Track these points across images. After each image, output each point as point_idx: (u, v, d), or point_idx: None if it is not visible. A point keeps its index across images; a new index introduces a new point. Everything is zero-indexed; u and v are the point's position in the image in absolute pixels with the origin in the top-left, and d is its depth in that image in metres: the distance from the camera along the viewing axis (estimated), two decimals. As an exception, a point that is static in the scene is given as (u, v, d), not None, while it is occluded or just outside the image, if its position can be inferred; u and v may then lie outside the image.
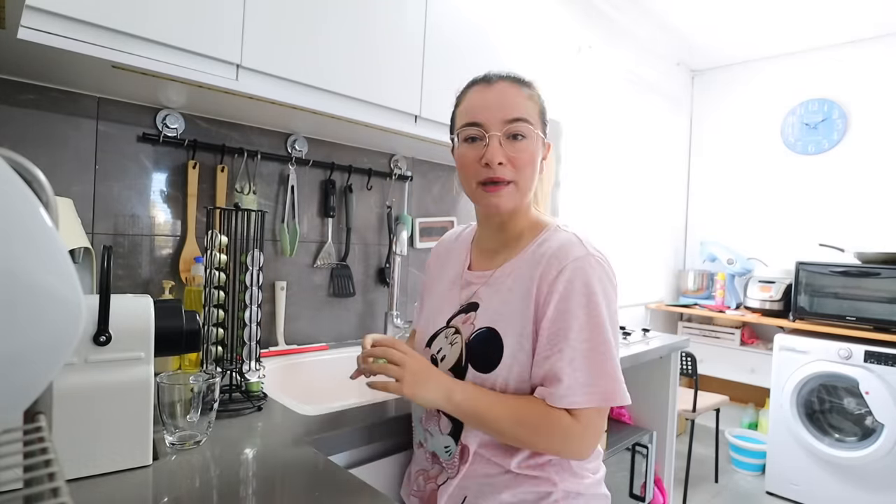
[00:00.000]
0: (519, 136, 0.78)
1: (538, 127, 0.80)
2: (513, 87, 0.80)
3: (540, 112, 0.82)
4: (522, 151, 0.78)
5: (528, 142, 0.78)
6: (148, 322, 0.70)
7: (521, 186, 0.80)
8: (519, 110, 0.78)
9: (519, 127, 0.78)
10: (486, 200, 0.80)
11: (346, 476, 0.74)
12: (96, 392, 0.66)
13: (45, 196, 0.40)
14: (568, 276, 0.74)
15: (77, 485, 0.64)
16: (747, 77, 3.35)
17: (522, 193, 0.80)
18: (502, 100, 0.79)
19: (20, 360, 0.32)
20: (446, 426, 0.85)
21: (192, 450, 0.77)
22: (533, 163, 0.79)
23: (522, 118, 0.78)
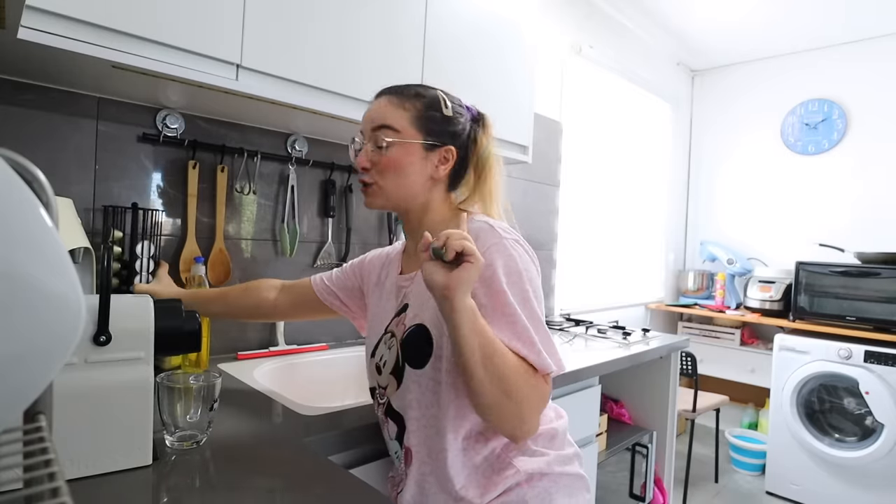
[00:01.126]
0: (381, 143, 0.83)
1: (411, 134, 0.84)
2: (388, 99, 0.86)
3: (417, 120, 0.85)
4: (382, 156, 0.84)
5: (392, 148, 0.83)
6: (148, 322, 0.70)
7: (386, 187, 0.85)
8: (383, 119, 0.84)
9: (379, 134, 0.84)
10: (364, 200, 0.89)
11: (345, 476, 0.74)
12: (96, 392, 0.66)
13: (45, 196, 0.40)
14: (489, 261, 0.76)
15: (77, 485, 0.64)
16: (747, 77, 3.35)
17: (388, 194, 0.86)
18: (374, 111, 0.86)
19: (20, 361, 0.32)
20: (392, 430, 0.86)
21: (192, 450, 0.77)
22: (396, 167, 0.84)
23: (385, 125, 0.84)
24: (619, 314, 2.75)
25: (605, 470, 1.71)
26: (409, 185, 0.86)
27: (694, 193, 3.58)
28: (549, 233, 2.44)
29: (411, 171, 0.85)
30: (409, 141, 0.84)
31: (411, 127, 0.84)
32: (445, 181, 0.90)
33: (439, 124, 0.86)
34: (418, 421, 0.81)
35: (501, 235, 0.80)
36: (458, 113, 0.89)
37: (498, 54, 1.63)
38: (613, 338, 1.85)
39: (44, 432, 0.39)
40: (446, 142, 0.87)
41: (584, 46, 2.53)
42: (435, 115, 0.86)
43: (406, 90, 0.87)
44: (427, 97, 0.87)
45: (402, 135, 0.84)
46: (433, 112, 0.86)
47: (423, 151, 0.85)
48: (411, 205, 0.88)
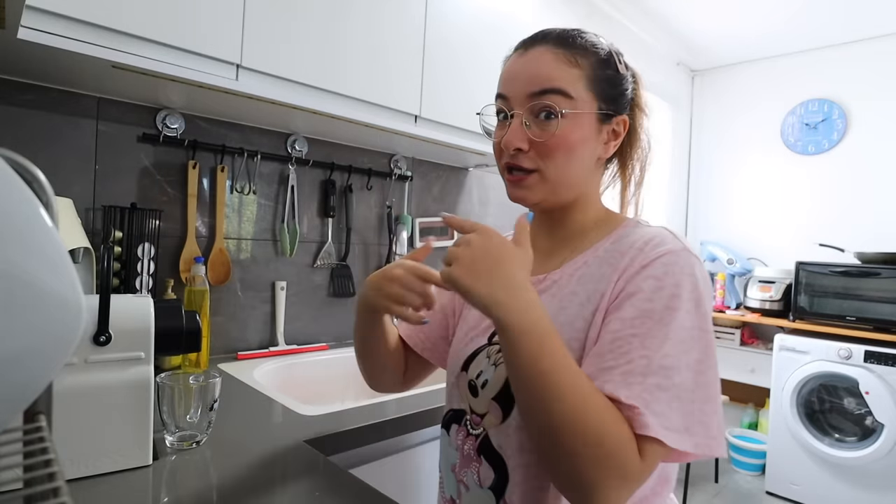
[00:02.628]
0: (549, 114, 0.62)
1: (584, 102, 0.63)
2: (551, 50, 0.63)
3: (591, 82, 0.63)
4: (549, 134, 0.62)
5: (562, 121, 0.62)
6: (148, 322, 0.70)
7: (551, 177, 0.64)
8: (549, 80, 0.62)
9: (547, 101, 0.62)
10: (510, 191, 0.67)
11: (345, 476, 0.74)
12: (96, 392, 0.66)
13: (45, 196, 0.40)
14: (657, 273, 0.56)
15: (77, 485, 0.64)
16: (747, 77, 3.35)
17: (554, 185, 0.64)
18: (533, 68, 0.63)
19: (20, 361, 0.32)
20: (487, 477, 0.63)
21: (192, 450, 0.77)
22: (568, 148, 0.62)
23: (553, 89, 0.61)
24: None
25: (605, 470, 1.71)
26: (580, 170, 0.65)
27: (694, 193, 3.58)
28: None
29: (583, 153, 0.64)
30: (586, 112, 0.63)
31: (586, 91, 0.63)
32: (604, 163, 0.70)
33: (616, 86, 0.66)
34: (527, 470, 0.60)
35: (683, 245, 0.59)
36: (627, 69, 0.68)
37: (498, 54, 1.63)
38: (613, 338, 1.84)
39: (44, 432, 0.39)
40: (621, 110, 0.67)
41: (584, 46, 2.53)
42: (612, 75, 0.65)
43: (574, 39, 0.65)
44: (601, 49, 0.66)
45: (577, 103, 0.62)
46: (609, 70, 0.65)
47: (597, 125, 0.65)
48: (575, 196, 0.68)
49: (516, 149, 0.63)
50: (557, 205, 0.68)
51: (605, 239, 0.66)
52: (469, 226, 0.56)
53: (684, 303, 0.54)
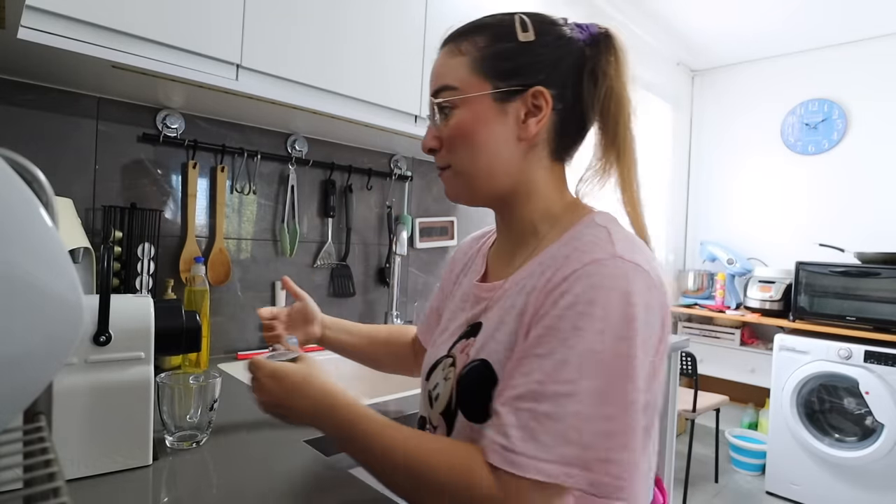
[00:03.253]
0: (445, 111, 0.62)
1: (474, 85, 0.60)
2: (444, 49, 0.64)
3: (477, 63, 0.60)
4: (447, 127, 0.61)
5: (456, 112, 0.60)
6: (148, 322, 0.70)
7: (461, 168, 0.62)
8: (438, 78, 0.63)
9: (440, 99, 0.62)
10: None
11: (346, 476, 0.74)
12: (96, 392, 0.66)
13: (45, 196, 0.40)
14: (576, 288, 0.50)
15: (77, 485, 0.64)
16: (747, 77, 3.35)
17: (468, 179, 0.62)
18: (432, 73, 0.65)
19: (20, 361, 0.32)
20: None
21: (192, 450, 0.77)
22: (466, 138, 0.60)
23: (443, 86, 0.62)
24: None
25: (605, 470, 1.71)
26: (493, 157, 0.60)
27: (694, 193, 3.58)
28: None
29: (488, 137, 0.60)
30: (471, 95, 0.59)
31: (472, 75, 0.60)
32: (548, 144, 0.62)
33: (514, 58, 0.60)
34: None
35: (614, 251, 0.52)
36: (551, 33, 0.61)
37: (498, 54, 1.63)
38: (613, 338, 1.84)
39: (44, 432, 0.39)
40: (531, 81, 0.59)
41: (584, 46, 2.53)
42: (506, 48, 0.60)
43: (465, 27, 0.64)
44: (491, 25, 0.62)
45: (461, 90, 0.60)
46: (502, 44, 0.60)
47: (496, 104, 0.60)
48: (505, 187, 0.62)
49: (430, 149, 0.64)
50: (488, 197, 0.64)
51: (558, 241, 0.59)
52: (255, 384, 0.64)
53: (596, 322, 0.48)
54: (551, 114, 0.60)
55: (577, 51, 0.62)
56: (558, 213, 0.64)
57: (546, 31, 0.61)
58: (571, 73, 0.61)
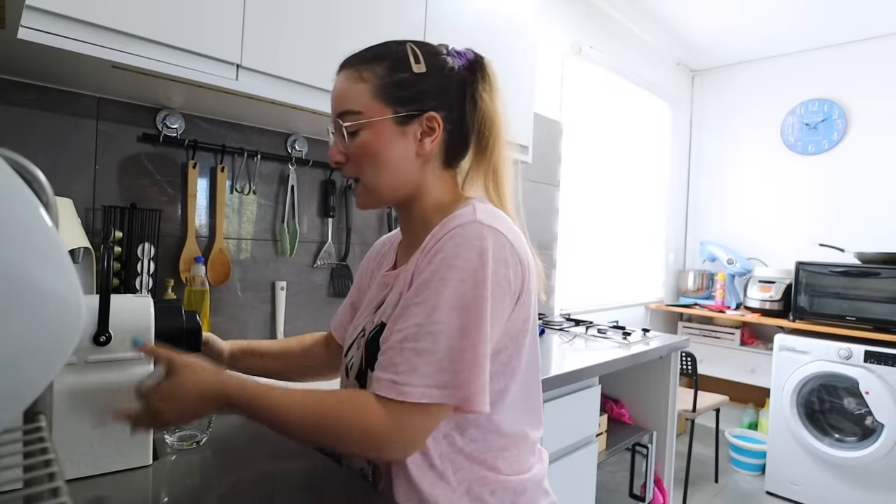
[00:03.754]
0: (352, 132, 0.70)
1: (376, 110, 0.69)
2: (346, 74, 0.72)
3: (379, 91, 0.69)
4: (354, 146, 0.70)
5: (361, 133, 0.69)
6: (148, 322, 0.70)
7: (369, 183, 0.72)
8: (342, 101, 0.71)
9: (345, 121, 0.70)
10: None
11: (345, 476, 0.74)
12: (96, 392, 0.66)
13: (45, 196, 0.40)
14: (444, 247, 0.63)
15: (77, 485, 0.64)
16: (747, 77, 3.35)
17: (374, 190, 0.72)
18: (334, 93, 0.73)
19: (20, 361, 0.32)
20: None
21: (191, 450, 0.77)
22: (372, 156, 0.70)
23: (345, 110, 0.70)
24: (619, 314, 2.75)
25: (605, 470, 1.71)
26: (395, 173, 0.71)
27: (694, 193, 3.58)
28: (549, 233, 2.44)
29: (390, 155, 0.70)
30: (375, 119, 0.69)
31: (374, 101, 0.69)
32: (440, 156, 0.74)
33: (410, 87, 0.70)
34: None
35: (475, 218, 0.65)
36: (437, 65, 0.72)
37: (498, 54, 1.62)
38: (613, 338, 1.85)
39: (44, 432, 0.39)
40: (425, 107, 0.70)
41: (584, 46, 2.53)
42: (403, 78, 0.70)
43: (362, 55, 0.72)
44: (388, 56, 0.71)
45: (366, 114, 0.69)
46: (400, 74, 0.70)
47: (397, 127, 0.70)
48: (406, 194, 0.74)
49: (336, 162, 0.72)
50: (393, 203, 0.75)
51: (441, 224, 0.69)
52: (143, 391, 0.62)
53: (458, 272, 0.61)
54: (442, 133, 0.72)
55: (460, 78, 0.74)
56: (448, 205, 0.74)
57: (434, 63, 0.72)
58: (457, 98, 0.73)
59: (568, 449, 1.44)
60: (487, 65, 0.76)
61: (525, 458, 0.74)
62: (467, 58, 0.75)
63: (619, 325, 2.03)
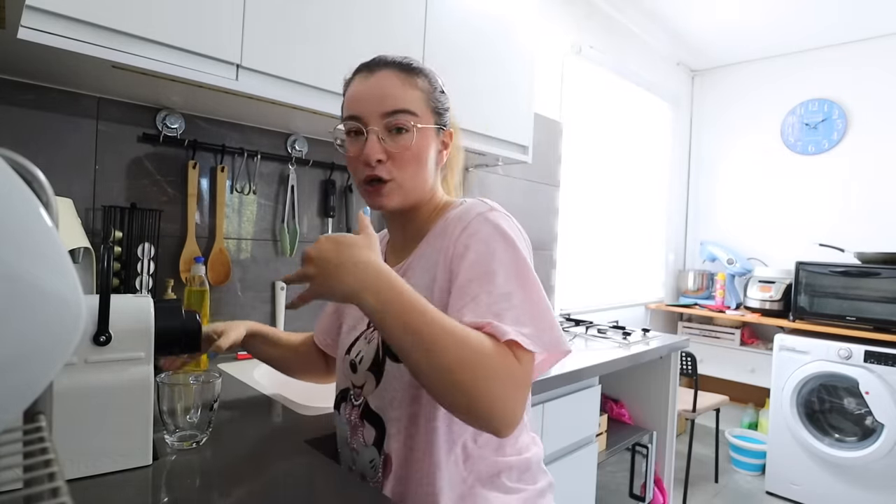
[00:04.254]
0: (400, 130, 0.72)
1: (426, 118, 0.75)
2: (395, 75, 0.74)
3: (428, 101, 0.76)
4: (404, 147, 0.72)
5: (411, 136, 0.73)
6: (148, 322, 0.70)
7: (405, 185, 0.74)
8: (399, 101, 0.72)
9: (399, 120, 0.72)
10: (370, 200, 0.76)
11: (346, 476, 0.74)
12: (96, 392, 0.66)
13: (45, 196, 0.40)
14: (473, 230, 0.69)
15: (77, 485, 0.64)
16: (747, 77, 3.35)
17: (408, 191, 0.75)
18: (382, 90, 0.73)
19: (20, 361, 0.32)
20: (370, 435, 0.75)
21: (191, 450, 0.77)
22: (418, 159, 0.74)
23: (403, 109, 0.72)
24: (619, 314, 2.75)
25: (605, 470, 1.71)
26: (428, 177, 0.78)
27: (694, 193, 3.59)
28: (549, 233, 2.44)
29: (430, 162, 0.77)
30: (427, 126, 0.75)
31: (426, 109, 0.75)
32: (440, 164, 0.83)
33: (443, 104, 0.79)
34: (399, 422, 0.72)
35: (490, 206, 0.73)
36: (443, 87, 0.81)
37: (498, 54, 1.63)
38: (613, 338, 1.85)
39: (44, 432, 0.39)
40: (446, 122, 0.80)
41: (584, 46, 2.53)
42: (440, 94, 0.78)
43: (409, 65, 0.77)
44: (426, 73, 0.78)
45: (422, 120, 0.74)
46: (437, 90, 0.78)
47: (435, 137, 0.77)
48: (423, 197, 0.79)
49: (377, 160, 0.72)
50: (410, 205, 0.78)
51: (439, 221, 0.77)
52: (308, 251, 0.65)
53: (499, 244, 0.67)
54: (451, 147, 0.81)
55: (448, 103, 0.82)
56: (442, 205, 0.81)
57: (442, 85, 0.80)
58: None
59: (568, 449, 1.44)
60: None
61: (525, 440, 0.79)
62: None
63: (619, 325, 2.03)
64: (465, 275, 0.66)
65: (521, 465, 0.76)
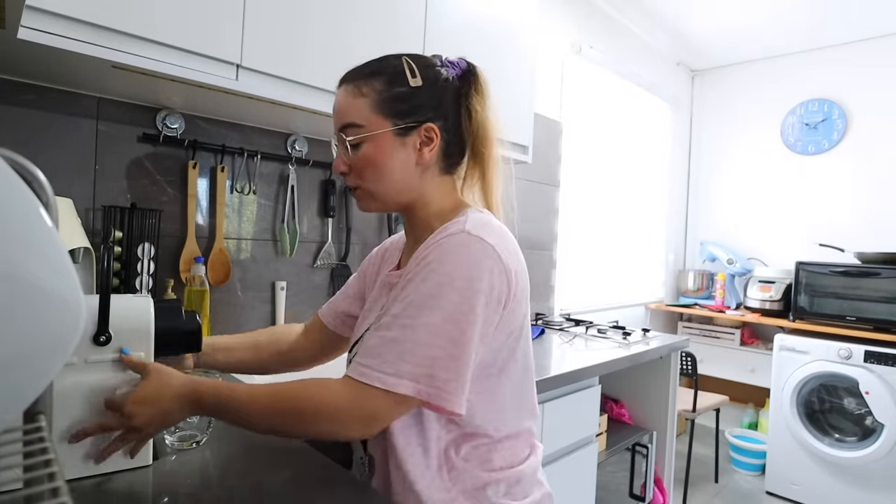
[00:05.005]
0: (352, 144, 0.73)
1: (376, 123, 0.72)
2: (346, 88, 0.75)
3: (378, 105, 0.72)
4: (358, 158, 0.73)
5: (364, 145, 0.73)
6: (148, 322, 0.70)
7: (371, 190, 0.75)
8: (343, 116, 0.74)
9: (348, 134, 0.73)
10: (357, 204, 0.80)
11: (346, 476, 0.74)
12: (96, 392, 0.66)
13: (45, 196, 0.40)
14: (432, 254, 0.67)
15: (77, 485, 0.64)
16: (747, 77, 3.35)
17: (380, 196, 0.75)
18: (337, 106, 0.76)
19: (20, 361, 0.32)
20: None
21: (191, 450, 0.77)
22: (374, 166, 0.73)
23: (346, 124, 0.73)
24: (619, 314, 2.75)
25: (605, 470, 1.71)
26: (396, 181, 0.74)
27: (694, 193, 3.58)
28: (549, 233, 2.44)
29: (393, 166, 0.73)
30: (376, 132, 0.72)
31: (375, 115, 0.72)
32: (438, 164, 0.77)
33: (408, 100, 0.73)
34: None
35: (464, 228, 0.68)
36: (433, 77, 0.75)
37: (498, 54, 1.63)
38: (613, 338, 1.85)
39: (44, 432, 0.39)
40: (423, 119, 0.74)
41: (584, 46, 2.53)
42: (401, 92, 0.73)
43: (361, 70, 0.75)
44: (386, 72, 0.74)
45: (367, 128, 0.72)
46: (398, 88, 0.73)
47: (397, 139, 0.73)
48: (407, 200, 0.77)
49: (340, 172, 0.76)
50: (395, 209, 0.79)
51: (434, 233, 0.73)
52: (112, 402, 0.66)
53: (439, 276, 0.64)
54: (439, 142, 0.75)
55: (454, 89, 0.77)
56: (448, 212, 0.77)
57: (429, 75, 0.75)
58: (452, 108, 0.76)
59: (568, 449, 1.44)
60: (479, 73, 0.79)
61: (519, 451, 0.77)
62: (460, 67, 0.78)
63: (619, 325, 2.03)
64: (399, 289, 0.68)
65: (510, 479, 0.74)
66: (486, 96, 0.78)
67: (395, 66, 0.74)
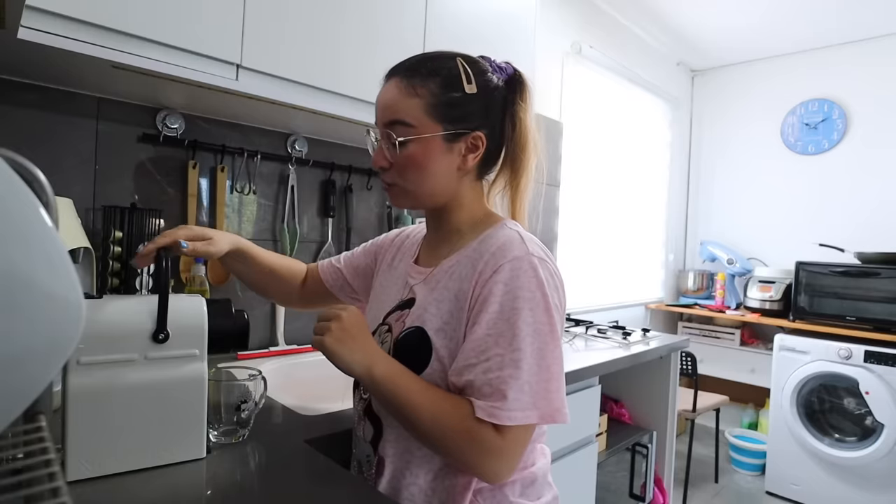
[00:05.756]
0: (396, 140, 0.72)
1: (426, 126, 0.71)
2: (397, 83, 0.73)
3: (432, 108, 0.71)
4: (401, 156, 0.72)
5: (409, 145, 0.72)
6: (202, 320, 0.72)
7: (410, 190, 0.75)
8: (392, 112, 0.72)
9: (394, 131, 0.72)
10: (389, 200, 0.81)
11: (346, 476, 0.74)
12: (155, 386, 0.68)
13: (45, 196, 0.40)
14: (504, 278, 0.67)
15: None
16: (747, 77, 3.35)
17: (416, 196, 0.76)
18: (384, 101, 0.74)
19: (19, 361, 0.32)
20: (368, 432, 0.78)
21: (237, 444, 0.79)
22: (418, 167, 0.72)
23: (397, 121, 0.72)
24: (619, 314, 2.75)
25: (605, 470, 1.71)
26: (436, 183, 0.74)
27: (694, 193, 3.59)
28: (549, 233, 2.44)
29: (436, 168, 0.73)
30: (428, 135, 0.71)
31: (427, 117, 0.71)
32: (475, 170, 0.77)
33: (461, 107, 0.72)
34: (397, 430, 0.73)
35: (528, 250, 0.69)
36: (484, 84, 0.74)
37: (498, 54, 1.62)
38: (613, 338, 1.85)
39: (44, 432, 0.39)
40: (472, 126, 0.73)
41: (585, 46, 2.53)
42: (455, 97, 0.72)
43: (418, 68, 0.73)
44: (443, 74, 0.72)
45: (418, 129, 0.71)
46: (452, 93, 0.72)
47: (445, 144, 0.73)
48: (442, 202, 0.77)
49: (380, 167, 0.76)
50: (427, 208, 0.80)
51: (476, 239, 0.75)
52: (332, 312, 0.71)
53: (526, 302, 0.66)
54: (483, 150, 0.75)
55: (501, 97, 0.77)
56: (479, 219, 0.79)
57: (483, 83, 0.74)
58: (498, 117, 0.76)
59: (568, 449, 1.44)
60: (526, 81, 0.79)
61: (529, 455, 0.77)
62: (507, 73, 0.78)
63: (619, 325, 2.03)
64: (484, 328, 0.67)
65: (525, 480, 0.76)
66: (531, 104, 0.78)
67: (451, 68, 0.73)
